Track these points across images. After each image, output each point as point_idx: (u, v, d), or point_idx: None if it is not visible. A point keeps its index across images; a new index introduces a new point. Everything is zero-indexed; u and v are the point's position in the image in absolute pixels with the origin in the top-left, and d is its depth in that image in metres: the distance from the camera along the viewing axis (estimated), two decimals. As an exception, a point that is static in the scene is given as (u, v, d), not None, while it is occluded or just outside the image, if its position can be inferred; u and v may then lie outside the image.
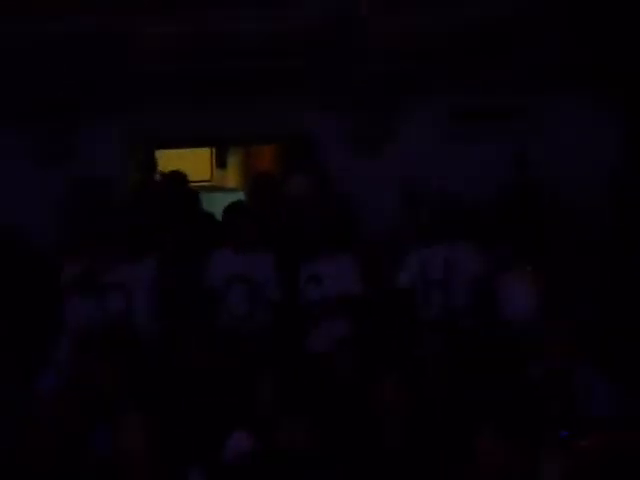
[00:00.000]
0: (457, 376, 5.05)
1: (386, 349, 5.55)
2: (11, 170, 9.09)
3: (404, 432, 4.49)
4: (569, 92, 8.72)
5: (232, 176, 11.87)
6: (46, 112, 9.08)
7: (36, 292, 6.98)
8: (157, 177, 8.69)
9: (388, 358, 5.00)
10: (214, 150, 11.34)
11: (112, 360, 5.04)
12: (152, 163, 8.79)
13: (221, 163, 11.65)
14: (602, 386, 5.03)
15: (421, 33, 8.73)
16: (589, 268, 6.78)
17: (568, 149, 8.66)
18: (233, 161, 11.81)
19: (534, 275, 6.62)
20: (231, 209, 7.19)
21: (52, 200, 8.35)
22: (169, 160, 9.43)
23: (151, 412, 4.34)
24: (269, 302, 6.74)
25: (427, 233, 6.91)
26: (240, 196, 11.20)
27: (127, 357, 5.11)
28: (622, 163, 8.67)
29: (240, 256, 6.78)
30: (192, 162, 10.56)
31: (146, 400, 4.57)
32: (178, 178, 8.03)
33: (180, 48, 8.68)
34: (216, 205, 9.22)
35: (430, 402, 4.72)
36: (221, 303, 6.65)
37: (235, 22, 8.64)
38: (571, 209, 7.66)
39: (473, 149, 8.78)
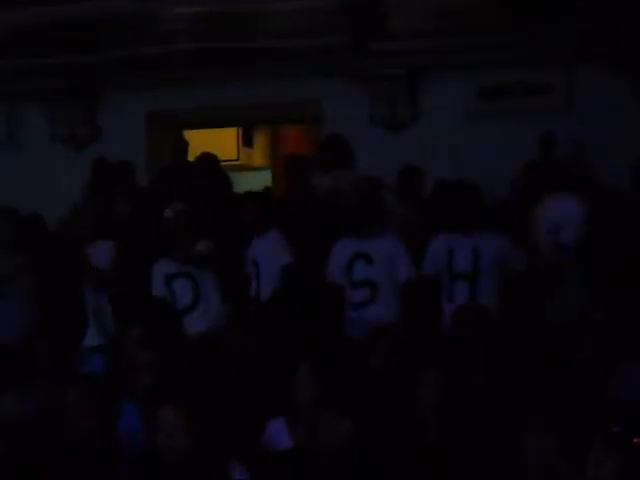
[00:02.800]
0: (496, 369, 4.96)
1: (423, 342, 5.45)
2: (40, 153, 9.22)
3: (447, 430, 4.43)
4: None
5: (258, 155, 11.85)
6: (72, 94, 9.14)
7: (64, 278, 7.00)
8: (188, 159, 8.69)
9: (427, 353, 4.92)
10: (240, 129, 11.30)
11: (152, 351, 5.03)
12: (183, 145, 8.78)
13: (247, 142, 11.62)
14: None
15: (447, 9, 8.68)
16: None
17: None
18: (259, 140, 11.79)
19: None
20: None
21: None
22: (194, 139, 9.43)
23: (190, 405, 4.34)
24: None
25: (455, 222, 6.41)
26: (267, 175, 11.23)
27: (166, 349, 5.10)
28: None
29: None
30: (218, 141, 10.55)
31: (185, 392, 4.56)
32: (211, 160, 7.99)
33: (207, 28, 8.68)
34: (243, 184, 9.23)
35: (471, 397, 4.65)
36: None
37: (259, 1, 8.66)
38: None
39: (501, 129, 8.62)
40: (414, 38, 8.68)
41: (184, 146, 8.76)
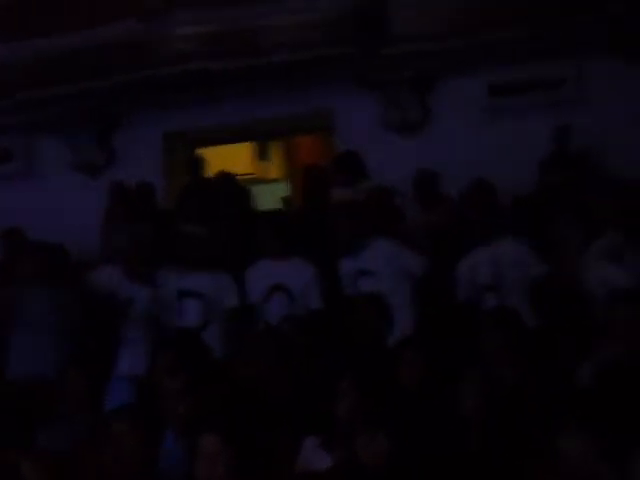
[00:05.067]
0: (531, 371, 4.94)
1: (453, 350, 5.42)
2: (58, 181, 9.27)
3: (483, 435, 4.43)
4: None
5: (274, 167, 11.88)
6: (87, 120, 9.18)
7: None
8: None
9: (460, 361, 4.90)
10: (255, 143, 11.34)
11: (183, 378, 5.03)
12: (199, 163, 8.81)
13: (263, 155, 11.65)
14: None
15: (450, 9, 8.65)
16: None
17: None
18: (275, 152, 11.81)
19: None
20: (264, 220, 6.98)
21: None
22: (209, 156, 9.46)
23: (228, 431, 4.34)
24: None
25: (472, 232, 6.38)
26: (282, 187, 11.25)
27: (197, 375, 5.09)
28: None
29: (279, 265, 6.57)
30: (234, 156, 10.58)
31: (222, 419, 4.57)
32: (228, 177, 8.01)
33: (215, 47, 8.71)
34: (259, 197, 9.25)
35: (507, 402, 4.64)
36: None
37: (267, 17, 8.67)
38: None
39: (515, 126, 8.60)
40: (419, 41, 8.66)
41: (200, 164, 8.80)
